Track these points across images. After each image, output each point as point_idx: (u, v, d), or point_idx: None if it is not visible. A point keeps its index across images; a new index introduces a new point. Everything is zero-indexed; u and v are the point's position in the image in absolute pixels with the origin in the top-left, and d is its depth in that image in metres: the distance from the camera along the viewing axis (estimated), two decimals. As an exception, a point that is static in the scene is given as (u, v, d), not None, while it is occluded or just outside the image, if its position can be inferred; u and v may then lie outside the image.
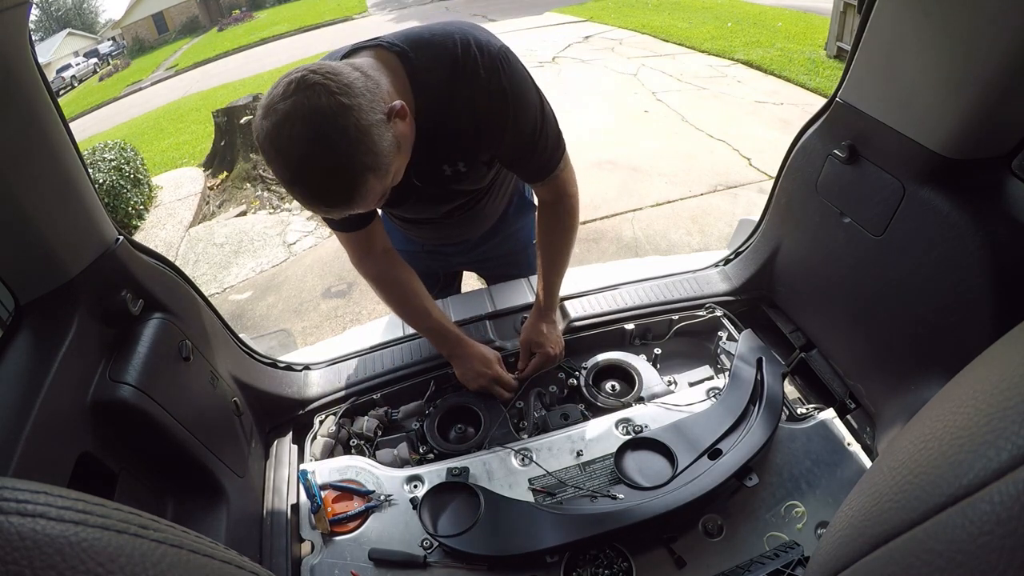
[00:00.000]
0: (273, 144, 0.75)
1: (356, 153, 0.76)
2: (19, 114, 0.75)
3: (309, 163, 0.75)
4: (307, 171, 0.76)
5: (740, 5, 10.04)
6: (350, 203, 0.80)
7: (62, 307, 0.83)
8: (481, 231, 1.40)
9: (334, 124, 0.74)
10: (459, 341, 1.23)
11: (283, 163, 0.76)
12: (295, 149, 0.74)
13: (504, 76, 0.92)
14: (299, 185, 0.77)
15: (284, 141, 0.74)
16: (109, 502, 0.29)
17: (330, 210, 0.82)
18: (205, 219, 4.98)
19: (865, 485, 0.37)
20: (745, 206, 3.73)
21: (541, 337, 1.25)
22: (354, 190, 0.79)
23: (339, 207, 0.81)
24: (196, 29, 31.34)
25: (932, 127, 0.89)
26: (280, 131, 0.74)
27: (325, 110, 0.74)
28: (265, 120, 0.75)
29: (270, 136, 0.75)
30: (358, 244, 1.13)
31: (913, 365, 0.98)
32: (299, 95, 0.74)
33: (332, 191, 0.78)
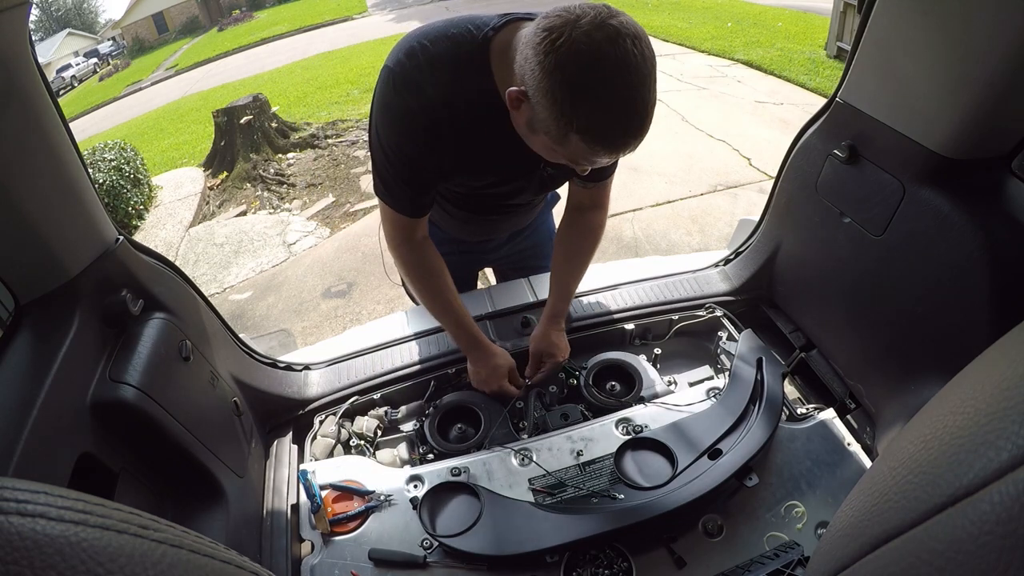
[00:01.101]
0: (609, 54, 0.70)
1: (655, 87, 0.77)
2: (19, 114, 0.74)
3: (646, 83, 0.74)
4: (642, 89, 0.74)
5: (740, 5, 10.04)
6: (646, 134, 0.80)
7: (62, 307, 0.83)
8: (527, 222, 1.42)
9: (652, 53, 0.75)
10: (479, 343, 1.22)
11: (624, 76, 0.72)
12: (638, 63, 0.72)
13: None
14: (629, 103, 0.74)
15: (625, 54, 0.71)
16: (109, 502, 0.29)
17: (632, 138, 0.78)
18: (205, 219, 4.98)
19: (865, 485, 0.37)
20: (745, 206, 3.73)
21: (552, 348, 1.24)
22: (650, 125, 0.79)
23: (639, 136, 0.79)
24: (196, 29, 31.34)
25: (932, 127, 0.89)
26: (618, 44, 0.70)
27: (648, 38, 0.74)
28: (598, 32, 0.71)
29: (604, 45, 0.70)
30: (408, 229, 1.09)
31: (913, 365, 0.98)
32: (621, 18, 0.73)
33: (646, 117, 0.77)
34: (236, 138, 5.62)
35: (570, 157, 0.85)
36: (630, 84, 0.73)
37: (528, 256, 1.57)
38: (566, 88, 0.73)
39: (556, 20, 0.74)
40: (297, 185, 5.18)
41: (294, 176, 5.36)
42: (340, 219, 4.43)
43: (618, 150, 0.80)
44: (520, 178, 1.08)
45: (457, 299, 1.20)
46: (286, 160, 5.70)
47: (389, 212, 1.06)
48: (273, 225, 4.54)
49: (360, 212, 4.44)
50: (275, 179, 5.28)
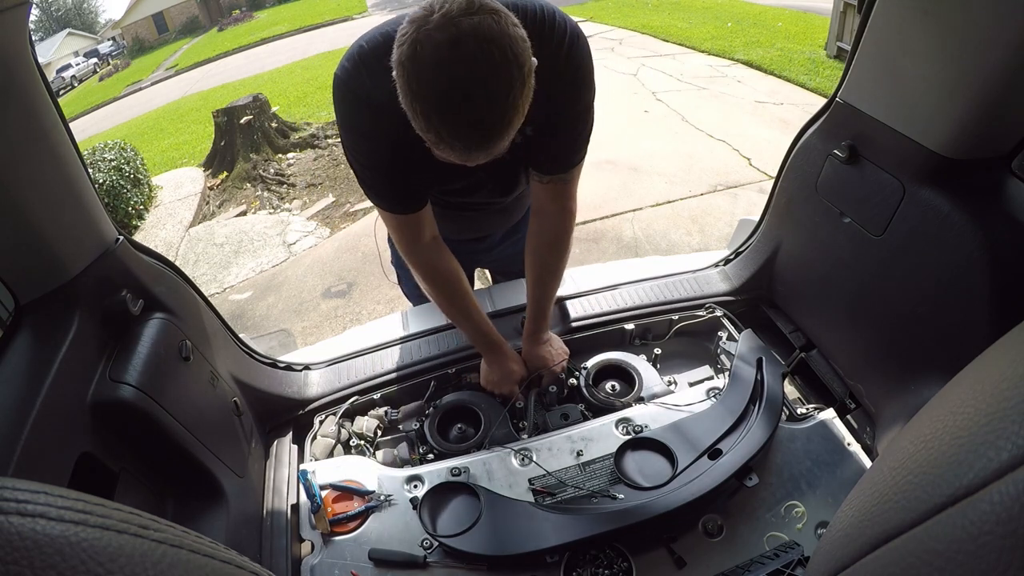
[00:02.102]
0: (444, 57, 0.67)
1: (523, 93, 0.71)
2: (19, 114, 0.74)
3: (485, 89, 0.68)
4: (478, 97, 0.68)
5: (740, 5, 10.04)
6: (496, 144, 0.74)
7: (62, 307, 0.83)
8: (513, 222, 1.39)
9: (516, 56, 0.69)
10: (495, 347, 1.22)
11: (449, 80, 0.68)
12: (475, 69, 0.67)
13: (581, 49, 0.91)
14: (459, 110, 0.69)
15: (463, 57, 0.67)
16: (109, 502, 0.29)
17: (473, 146, 0.74)
18: (205, 219, 4.98)
19: (865, 485, 0.37)
20: (745, 206, 3.73)
21: (543, 361, 1.24)
22: (507, 131, 0.73)
23: (484, 145, 0.74)
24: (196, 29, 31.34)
25: (932, 127, 0.89)
26: (459, 47, 0.66)
27: (512, 39, 0.68)
28: (439, 32, 0.67)
29: (442, 48, 0.66)
30: (410, 229, 1.06)
31: (913, 365, 0.98)
32: (485, 15, 0.68)
33: (489, 126, 0.71)
34: (236, 138, 5.62)
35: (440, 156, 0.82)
36: (468, 91, 0.68)
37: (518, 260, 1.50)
38: (407, 90, 0.71)
39: (417, 12, 0.71)
40: (297, 185, 5.18)
41: (294, 176, 5.36)
42: (340, 219, 4.44)
43: (467, 156, 0.76)
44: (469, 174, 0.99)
45: (473, 300, 1.19)
46: (286, 160, 5.70)
47: (386, 215, 1.04)
48: (273, 225, 4.54)
49: (360, 212, 4.44)
50: (275, 179, 5.28)
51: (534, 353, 1.25)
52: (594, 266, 1.55)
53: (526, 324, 1.26)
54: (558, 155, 1.03)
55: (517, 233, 1.45)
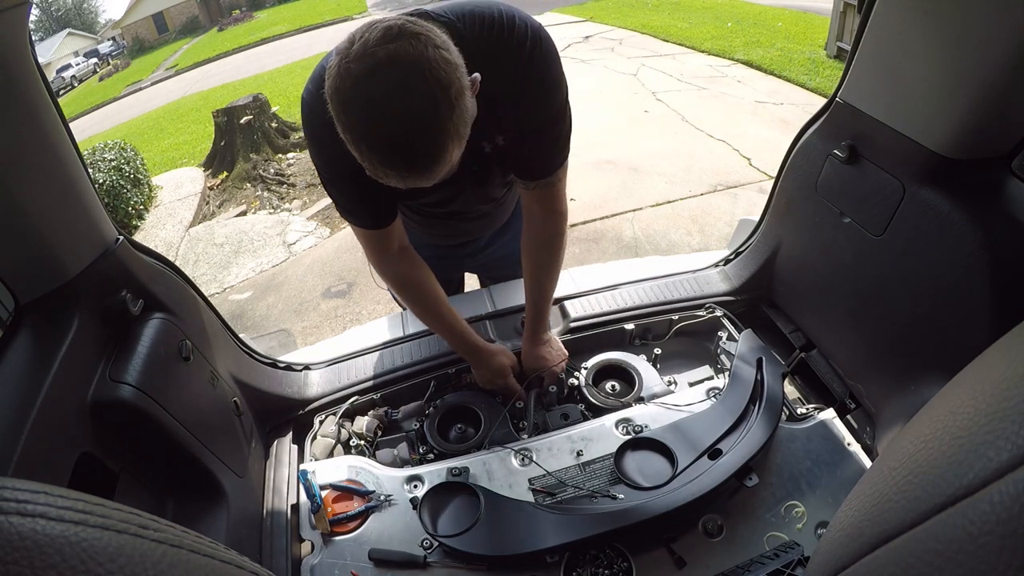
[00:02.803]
0: (363, 89, 0.67)
1: (452, 115, 0.70)
2: (19, 114, 0.74)
3: (406, 116, 0.68)
4: (401, 124, 0.68)
5: (740, 5, 10.04)
6: (432, 169, 0.73)
7: (62, 307, 0.83)
8: (496, 227, 1.38)
9: (438, 79, 0.68)
10: (476, 347, 1.22)
11: (372, 112, 0.67)
12: (393, 97, 0.67)
13: (545, 52, 0.90)
14: (384, 140, 0.69)
15: (380, 87, 0.66)
16: (109, 502, 0.29)
17: (407, 174, 0.73)
18: (205, 219, 4.98)
19: (865, 485, 0.37)
20: (745, 206, 3.73)
21: (542, 361, 1.24)
22: (441, 155, 0.72)
23: (419, 171, 0.73)
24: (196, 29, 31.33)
25: (932, 127, 0.89)
26: (376, 76, 0.66)
27: (432, 63, 0.67)
28: (356, 63, 0.67)
29: (361, 80, 0.66)
30: (379, 242, 1.08)
31: (913, 365, 0.98)
32: (403, 41, 0.67)
33: (420, 152, 0.71)
34: (236, 138, 5.62)
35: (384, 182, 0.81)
36: (386, 120, 0.68)
37: (505, 264, 1.54)
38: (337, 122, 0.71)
39: (341, 44, 0.71)
40: (297, 185, 5.18)
41: (294, 176, 5.35)
42: (340, 219, 4.42)
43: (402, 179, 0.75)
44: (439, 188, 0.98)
45: (447, 306, 1.19)
46: (286, 160, 5.69)
47: (359, 232, 1.06)
48: (273, 225, 4.54)
49: (360, 212, 4.43)
50: (275, 179, 5.28)
51: (533, 354, 1.25)
52: (594, 266, 1.55)
53: (525, 326, 1.26)
54: (537, 161, 1.01)
55: (504, 236, 1.44)
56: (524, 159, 1.02)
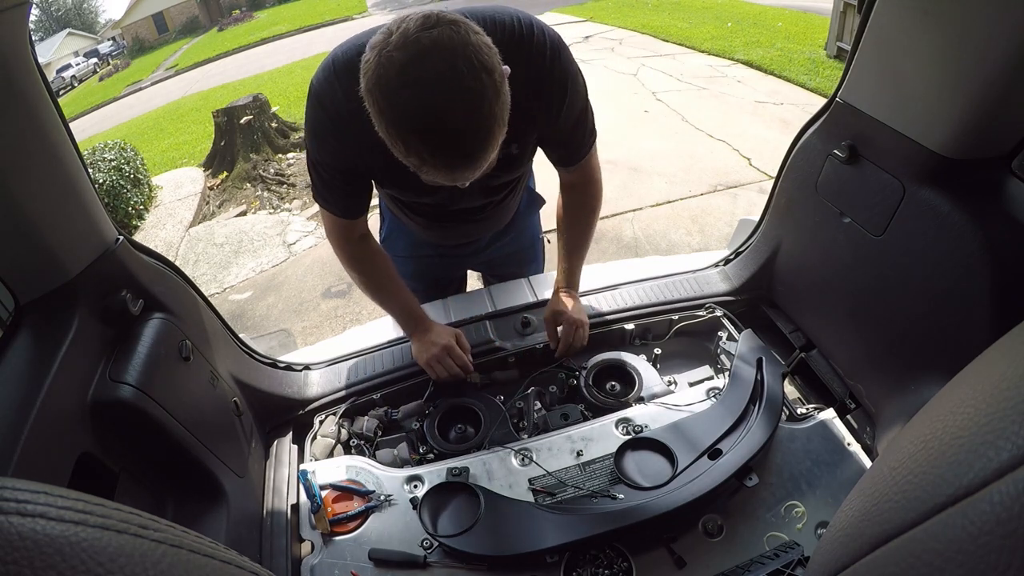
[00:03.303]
0: (410, 76, 0.64)
1: (498, 101, 0.67)
2: (19, 114, 0.74)
3: (457, 102, 0.65)
4: (452, 110, 0.65)
5: (740, 5, 10.04)
6: (481, 158, 0.70)
7: (62, 307, 0.83)
8: (499, 228, 1.39)
9: (483, 64, 0.65)
10: (422, 321, 1.26)
11: (420, 99, 0.65)
12: (442, 83, 0.64)
13: (564, 58, 0.91)
14: (435, 128, 0.66)
15: (429, 72, 0.64)
16: (109, 502, 0.29)
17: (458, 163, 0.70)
18: (205, 219, 4.98)
19: (865, 485, 0.37)
20: (745, 206, 3.73)
21: (560, 306, 1.27)
22: (489, 142, 0.69)
23: (468, 161, 0.70)
24: (196, 29, 31.34)
25: (932, 127, 0.89)
26: (425, 61, 0.63)
27: (476, 48, 0.65)
28: (400, 52, 0.64)
29: (407, 67, 0.64)
30: (344, 229, 1.13)
31: (913, 365, 0.98)
32: (443, 27, 0.65)
33: (470, 140, 0.68)
34: (236, 138, 5.62)
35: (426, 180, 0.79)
36: (437, 107, 0.65)
37: (509, 262, 1.56)
38: (380, 117, 0.69)
39: (376, 38, 0.69)
40: (297, 185, 5.18)
41: (294, 176, 5.35)
42: (340, 219, 4.43)
43: (452, 174, 0.73)
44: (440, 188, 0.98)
45: (398, 285, 1.23)
46: (286, 160, 5.69)
47: (327, 215, 1.10)
48: (273, 225, 4.54)
49: (360, 212, 4.43)
50: (275, 179, 5.28)
51: (554, 299, 1.29)
52: (594, 266, 1.55)
53: (555, 282, 1.32)
54: (573, 151, 1.10)
55: (505, 236, 1.46)
56: (562, 152, 1.10)
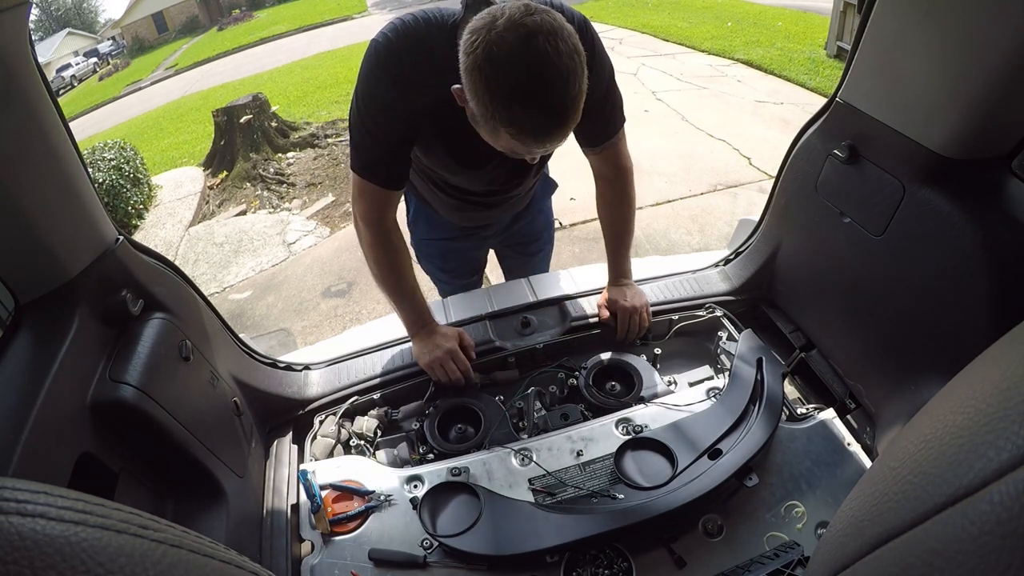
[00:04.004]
0: (519, 55, 0.74)
1: (583, 78, 0.79)
2: (19, 114, 0.74)
3: (557, 74, 0.76)
4: (553, 81, 0.76)
5: (740, 4, 10.04)
6: (569, 125, 0.82)
7: (62, 307, 0.83)
8: (519, 209, 1.48)
9: (575, 46, 0.78)
10: (428, 322, 1.26)
11: (528, 72, 0.75)
12: (545, 58, 0.75)
13: (591, 32, 1.01)
14: (538, 96, 0.77)
15: (536, 50, 0.74)
16: (109, 502, 0.29)
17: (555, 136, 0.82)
18: (205, 218, 4.98)
19: (865, 485, 0.37)
20: (745, 206, 3.73)
21: (615, 294, 1.30)
22: (576, 113, 0.81)
23: (560, 128, 0.81)
24: (196, 29, 31.33)
25: (932, 127, 0.89)
26: (530, 43, 0.74)
27: (568, 32, 0.77)
28: (510, 33, 0.74)
29: (516, 46, 0.74)
30: (383, 203, 1.13)
31: (913, 365, 0.98)
32: (543, 15, 0.76)
33: (562, 109, 0.79)
34: (236, 137, 5.62)
35: (507, 149, 0.90)
36: (545, 80, 0.76)
37: (525, 240, 1.65)
38: (486, 89, 0.78)
39: (478, 22, 0.79)
40: (297, 184, 5.18)
41: (294, 175, 5.36)
42: (340, 218, 4.43)
43: (545, 142, 0.83)
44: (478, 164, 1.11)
45: (414, 280, 1.25)
46: (286, 159, 5.69)
47: (365, 186, 1.09)
48: (273, 224, 4.54)
49: (360, 212, 4.43)
50: (275, 178, 5.28)
51: (610, 289, 1.33)
52: (594, 266, 1.55)
53: (608, 273, 1.36)
54: (601, 127, 1.15)
55: (523, 219, 1.54)
56: (590, 128, 1.13)
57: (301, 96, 8.60)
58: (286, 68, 11.42)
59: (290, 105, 8.03)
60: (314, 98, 8.30)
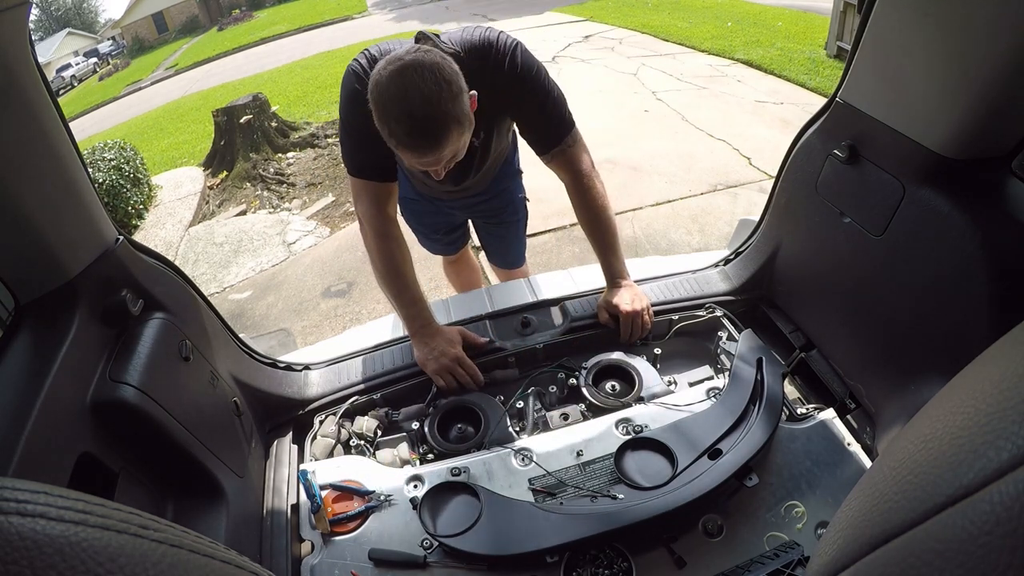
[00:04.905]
0: (391, 83, 0.94)
1: (455, 103, 0.97)
2: (19, 114, 0.74)
3: (419, 91, 0.94)
4: (414, 96, 0.94)
5: (740, 4, 10.03)
6: (439, 142, 0.98)
7: (62, 307, 0.83)
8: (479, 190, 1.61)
9: (443, 76, 0.96)
10: (429, 322, 1.28)
11: (396, 92, 0.94)
12: (409, 81, 0.94)
13: (521, 53, 1.18)
14: (403, 108, 0.94)
15: (403, 76, 0.94)
16: (109, 502, 0.29)
17: (422, 145, 0.98)
18: (205, 218, 4.98)
19: (865, 485, 0.37)
20: (745, 206, 3.73)
21: (614, 297, 1.31)
22: (447, 131, 0.97)
23: (432, 144, 0.98)
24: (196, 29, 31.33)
25: (932, 127, 0.89)
26: (402, 74, 0.94)
27: (439, 66, 0.96)
28: (390, 65, 0.95)
29: (392, 76, 0.94)
30: (379, 197, 1.24)
31: (913, 365, 0.98)
32: (419, 54, 0.96)
33: (432, 127, 0.96)
34: (236, 137, 5.62)
35: (410, 165, 1.07)
36: (408, 98, 0.94)
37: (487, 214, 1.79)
38: (375, 110, 0.98)
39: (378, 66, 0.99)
40: (297, 184, 5.18)
41: (294, 175, 5.35)
42: (340, 218, 4.43)
43: (418, 150, 0.99)
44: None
45: (414, 279, 1.29)
46: (286, 159, 5.69)
47: (362, 185, 1.23)
48: (273, 224, 4.53)
49: (360, 212, 4.42)
50: (275, 178, 5.27)
51: (611, 300, 1.32)
52: (594, 266, 1.55)
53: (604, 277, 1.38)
54: (542, 139, 1.27)
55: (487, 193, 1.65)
56: (535, 137, 1.27)
57: (301, 96, 8.60)
58: (286, 68, 11.41)
59: (290, 105, 8.03)
60: (314, 98, 8.30)
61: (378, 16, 17.21)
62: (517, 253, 1.99)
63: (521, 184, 1.78)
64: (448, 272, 2.28)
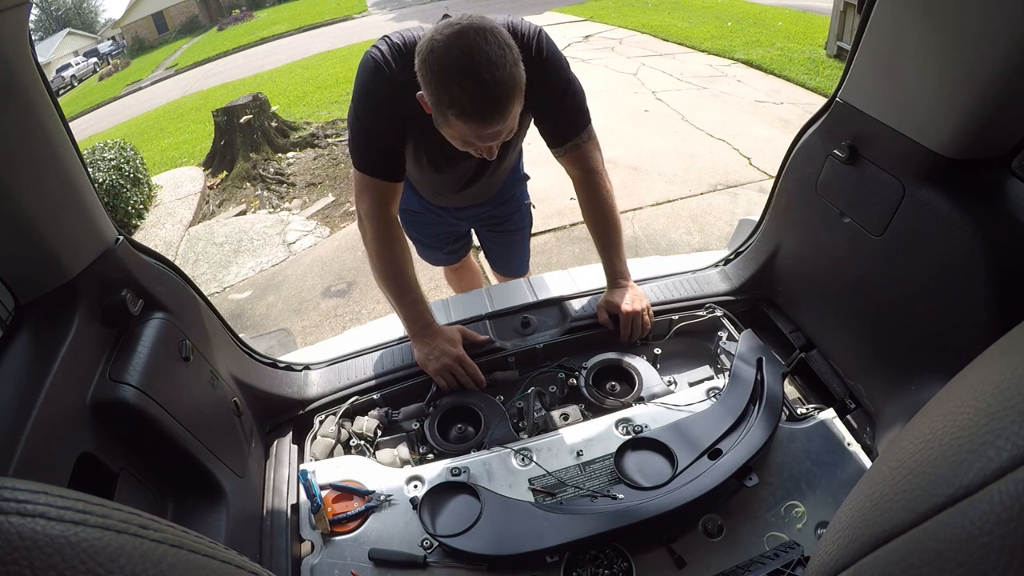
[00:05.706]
0: (451, 44, 0.89)
1: (515, 66, 0.92)
2: (19, 114, 0.74)
3: (485, 55, 0.88)
4: (481, 60, 0.89)
5: (740, 4, 10.04)
6: (509, 109, 0.93)
7: (62, 307, 0.83)
8: (488, 196, 1.59)
9: (505, 40, 0.91)
10: (430, 322, 1.27)
11: (459, 56, 0.88)
12: (480, 46, 0.88)
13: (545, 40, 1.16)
14: (469, 73, 0.89)
15: (465, 39, 0.88)
16: (109, 502, 0.29)
17: (490, 112, 0.92)
18: (205, 218, 4.98)
19: (865, 485, 0.37)
20: (745, 206, 3.73)
21: (614, 297, 1.30)
22: (513, 97, 0.93)
23: (500, 111, 0.93)
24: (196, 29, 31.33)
25: (932, 127, 0.89)
26: (463, 36, 0.88)
27: (499, 31, 0.91)
28: (447, 29, 0.90)
29: (450, 39, 0.89)
30: (384, 196, 1.20)
31: (913, 365, 0.98)
32: (473, 20, 0.91)
33: (500, 92, 0.91)
34: (236, 137, 5.62)
35: (461, 138, 1.01)
36: (475, 60, 0.88)
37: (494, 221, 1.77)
38: (430, 78, 0.92)
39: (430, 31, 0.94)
40: (297, 184, 5.18)
41: (294, 175, 5.35)
42: (340, 218, 4.43)
43: (486, 117, 0.93)
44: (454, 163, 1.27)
45: (415, 279, 1.27)
46: (286, 159, 5.69)
47: (366, 182, 1.18)
48: (273, 224, 4.53)
49: (360, 212, 4.43)
50: (275, 178, 5.28)
51: (612, 300, 1.31)
52: (594, 266, 1.55)
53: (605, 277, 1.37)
54: (560, 129, 1.24)
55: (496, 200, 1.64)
56: (552, 127, 1.24)
57: (301, 96, 8.60)
58: (286, 68, 11.41)
59: (290, 105, 8.03)
60: (314, 98, 8.30)
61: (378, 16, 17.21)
62: (522, 261, 1.96)
63: (526, 190, 1.76)
64: (449, 278, 2.26)
